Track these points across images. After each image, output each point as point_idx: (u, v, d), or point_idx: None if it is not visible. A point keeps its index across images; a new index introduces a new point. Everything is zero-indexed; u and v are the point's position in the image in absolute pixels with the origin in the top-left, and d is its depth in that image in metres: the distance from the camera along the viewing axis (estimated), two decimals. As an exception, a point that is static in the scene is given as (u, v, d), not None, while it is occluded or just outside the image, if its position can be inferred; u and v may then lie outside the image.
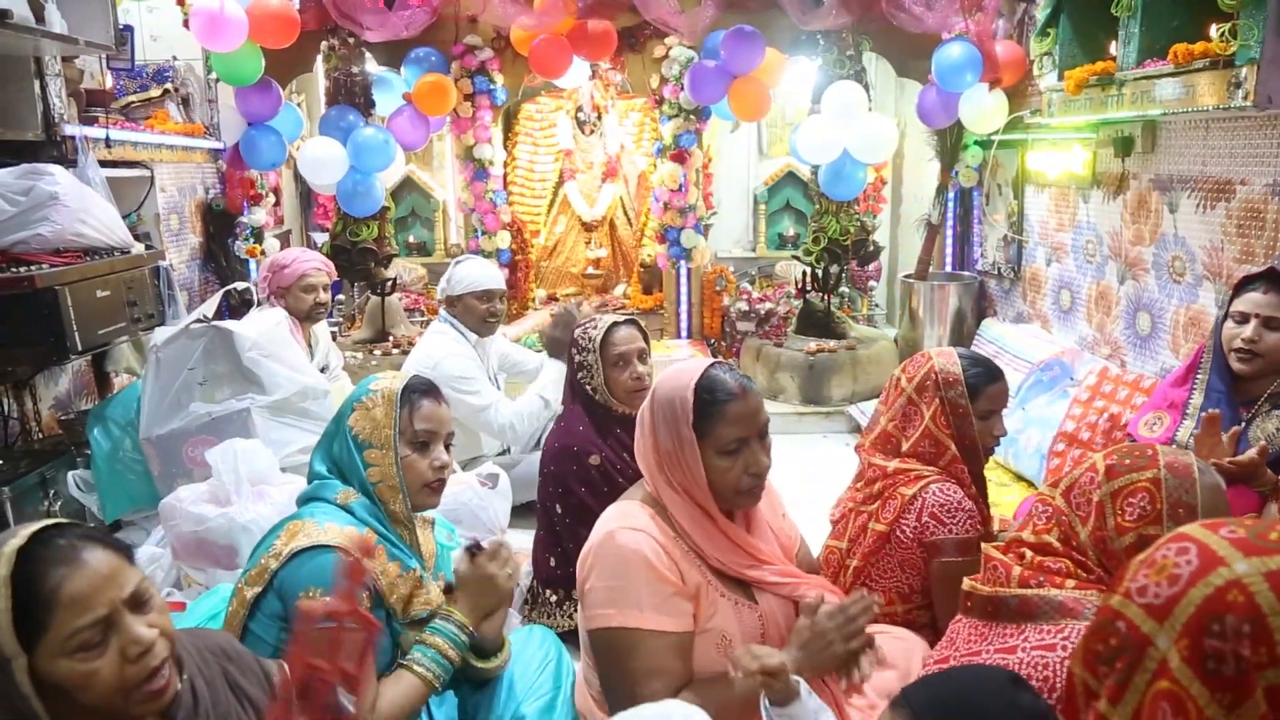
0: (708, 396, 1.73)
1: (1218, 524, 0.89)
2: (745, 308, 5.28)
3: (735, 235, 6.41)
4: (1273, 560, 0.82)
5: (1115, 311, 3.81)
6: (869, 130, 4.52)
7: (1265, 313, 2.45)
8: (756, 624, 1.78)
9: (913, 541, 2.08)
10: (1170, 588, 0.86)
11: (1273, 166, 2.93)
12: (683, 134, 5.12)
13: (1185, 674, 0.82)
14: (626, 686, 1.68)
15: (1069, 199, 4.18)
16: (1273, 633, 0.79)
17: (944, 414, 2.15)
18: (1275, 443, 2.34)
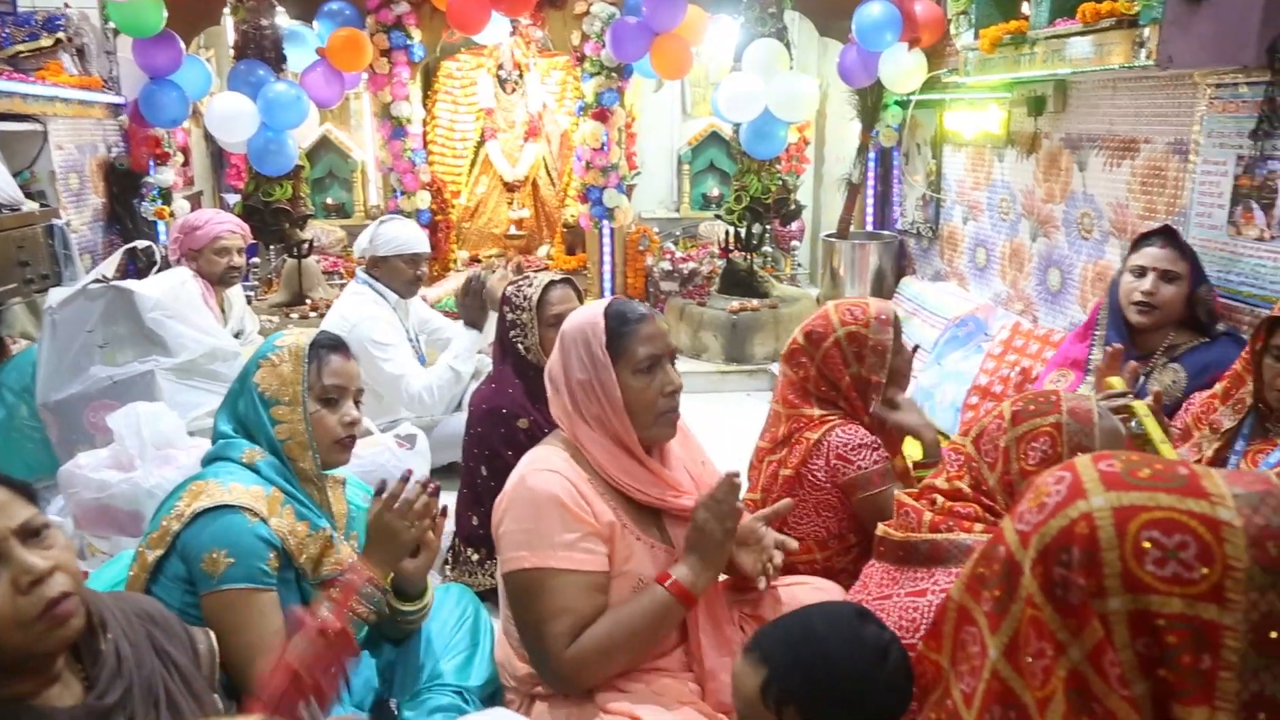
0: (618, 320, 1.78)
1: (1106, 456, 0.91)
2: (669, 267, 5.27)
3: (659, 195, 6.39)
4: (1127, 496, 0.84)
5: (1028, 268, 3.90)
6: (790, 88, 4.52)
7: (1162, 266, 2.53)
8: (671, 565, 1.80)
9: (827, 484, 2.12)
10: (1038, 515, 0.88)
11: (1174, 125, 3.01)
12: (604, 92, 5.05)
13: (1040, 599, 0.85)
14: (535, 626, 1.69)
15: (985, 158, 4.25)
16: (1103, 565, 0.82)
17: (842, 359, 2.19)
18: (1171, 393, 2.42)
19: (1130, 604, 0.82)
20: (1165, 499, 0.83)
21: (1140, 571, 0.81)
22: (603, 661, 1.69)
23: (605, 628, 1.68)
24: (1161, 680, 0.82)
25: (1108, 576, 0.82)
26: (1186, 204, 2.94)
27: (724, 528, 1.71)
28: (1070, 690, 0.83)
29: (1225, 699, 0.81)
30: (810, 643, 1.19)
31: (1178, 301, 2.54)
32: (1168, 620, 0.81)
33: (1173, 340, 2.56)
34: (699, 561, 1.72)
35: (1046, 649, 0.85)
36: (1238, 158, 2.75)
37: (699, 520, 1.72)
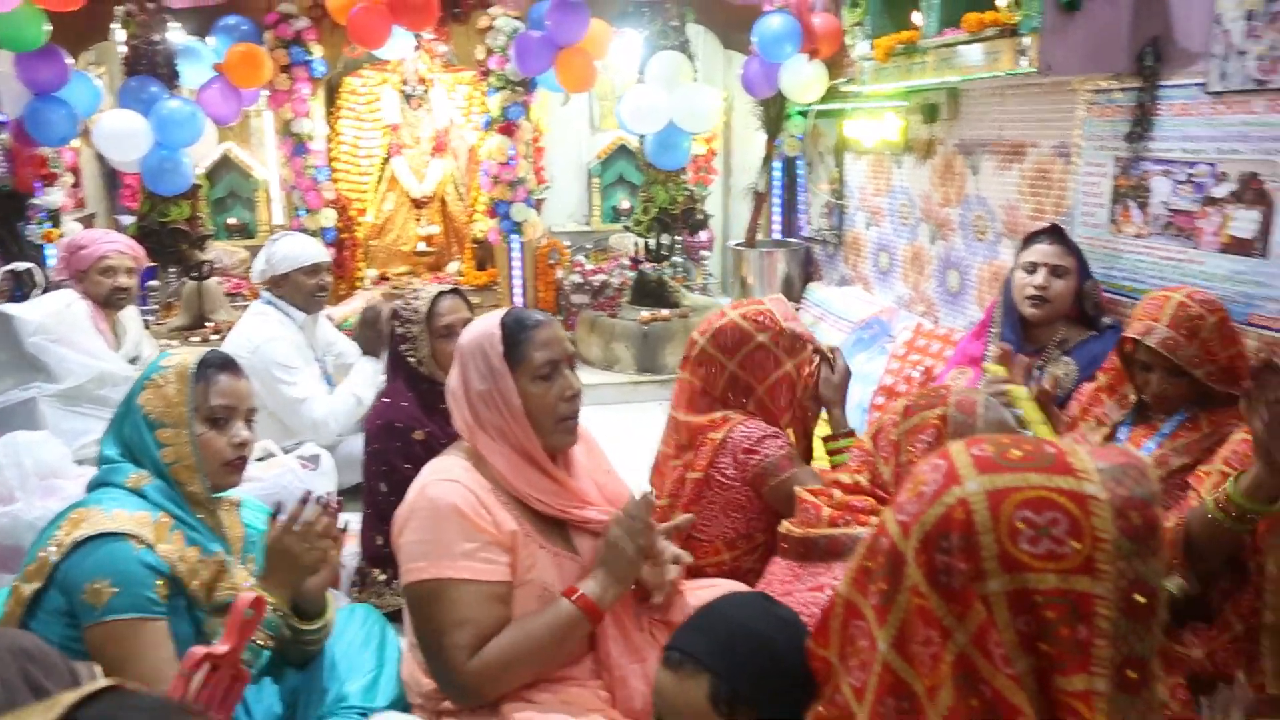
0: (515, 327, 1.77)
1: (979, 440, 0.93)
2: (579, 280, 5.27)
3: (570, 209, 6.38)
4: (1000, 479, 0.86)
5: (928, 270, 4.01)
6: (693, 99, 4.57)
7: (1052, 261, 2.64)
8: (577, 575, 1.79)
9: (737, 482, 2.14)
10: (917, 504, 0.89)
11: (1058, 130, 3.14)
12: (510, 106, 5.03)
13: (925, 587, 0.86)
14: (435, 637, 1.67)
15: (884, 165, 4.36)
16: (981, 548, 0.84)
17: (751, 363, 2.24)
18: (1064, 385, 2.51)
19: (1009, 584, 0.83)
20: (1035, 478, 0.86)
21: (1016, 551, 0.83)
22: (506, 674, 1.67)
23: (510, 639, 1.67)
24: (1043, 654, 0.84)
25: (986, 559, 0.84)
26: (1071, 204, 3.06)
27: (636, 545, 1.72)
28: (958, 675, 0.85)
29: (1100, 665, 0.83)
30: (745, 635, 1.17)
31: (1068, 295, 2.65)
32: (1045, 596, 0.83)
33: (1063, 334, 2.66)
34: (608, 576, 1.72)
35: (933, 636, 0.86)
36: (1115, 160, 2.87)
37: (612, 536, 1.73)
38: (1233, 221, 2.49)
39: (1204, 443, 2.07)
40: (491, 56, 5.01)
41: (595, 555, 1.75)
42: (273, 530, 1.79)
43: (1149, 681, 0.85)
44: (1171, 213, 2.68)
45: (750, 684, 1.12)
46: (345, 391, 3.32)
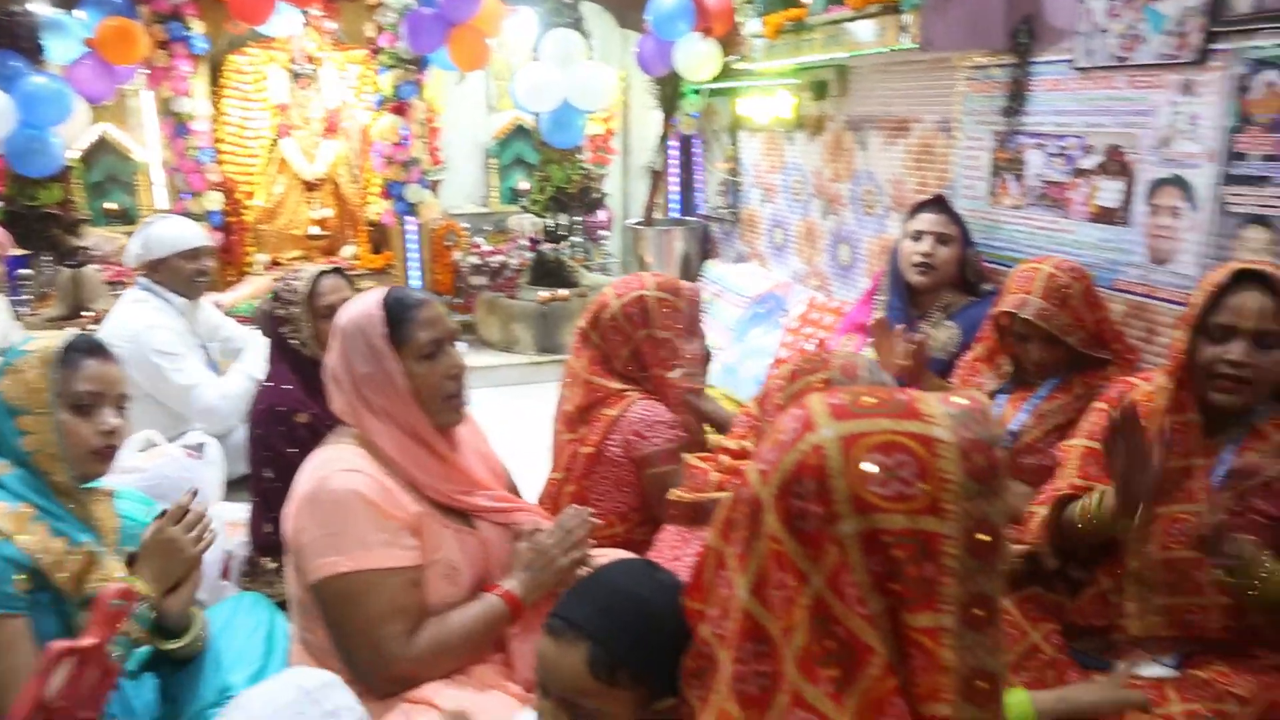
0: (397, 307, 1.74)
1: (837, 392, 0.95)
2: (477, 261, 5.22)
3: (467, 191, 6.29)
4: (852, 425, 0.89)
5: (820, 245, 4.09)
6: (588, 77, 4.55)
7: (937, 229, 2.73)
8: (480, 551, 1.79)
9: (624, 459, 2.16)
10: (775, 453, 0.91)
11: (941, 105, 3.22)
12: (402, 85, 4.94)
13: (781, 532, 0.88)
14: (367, 631, 1.63)
15: (777, 142, 4.42)
16: (833, 492, 0.86)
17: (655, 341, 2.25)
18: (947, 348, 2.60)
19: (861, 525, 0.86)
20: (885, 423, 0.88)
21: (866, 493, 0.86)
22: (440, 660, 1.66)
23: (444, 628, 1.66)
24: (893, 593, 0.87)
25: (838, 502, 0.86)
26: (953, 177, 3.15)
27: (570, 559, 1.74)
28: (814, 617, 0.87)
29: (946, 602, 0.86)
30: (622, 599, 1.16)
31: (952, 262, 2.75)
32: (894, 536, 0.86)
33: (947, 300, 2.76)
34: (533, 581, 1.73)
35: (789, 580, 0.88)
36: (993, 134, 2.96)
37: (543, 545, 1.74)
38: (1099, 192, 2.60)
39: (1076, 404, 2.20)
40: (382, 34, 4.91)
41: (518, 556, 1.76)
42: (156, 521, 1.73)
43: (995, 619, 0.88)
44: (1045, 184, 2.79)
45: (628, 648, 1.12)
46: (238, 372, 3.23)
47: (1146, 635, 1.84)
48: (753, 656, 0.90)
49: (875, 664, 0.86)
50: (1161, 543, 1.82)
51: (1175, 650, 1.82)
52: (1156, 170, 2.43)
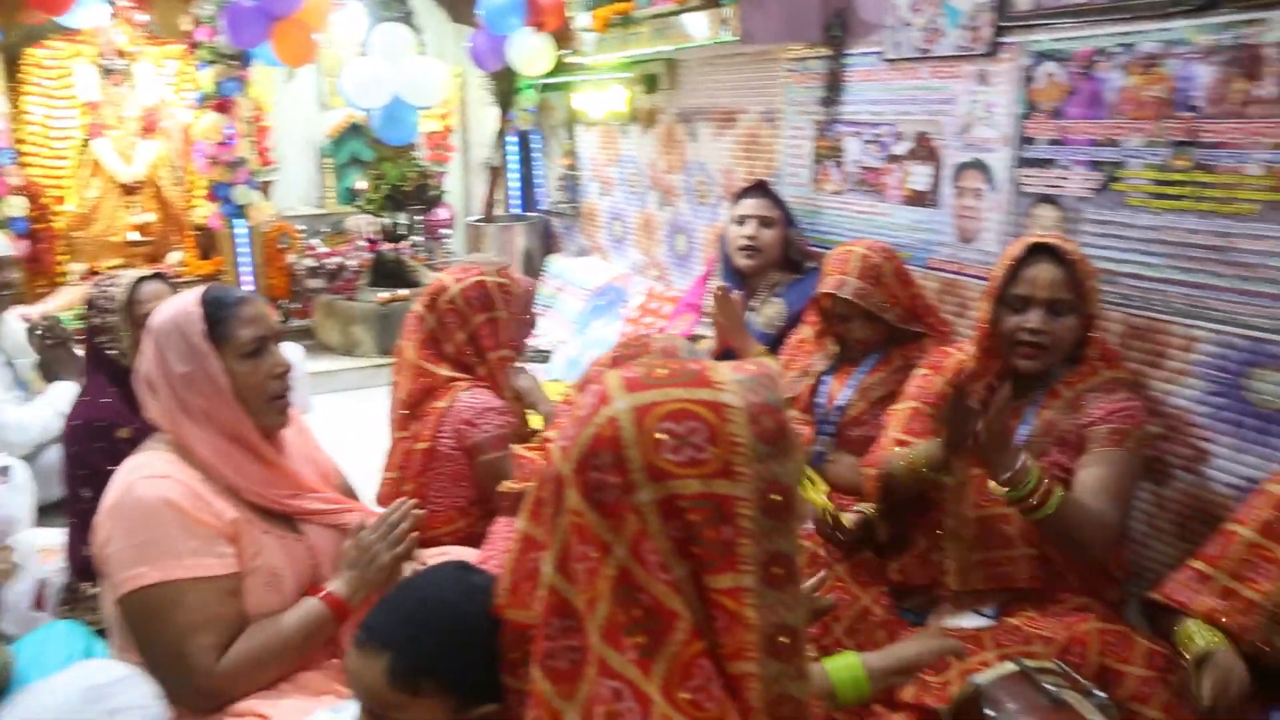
0: (216, 305, 1.67)
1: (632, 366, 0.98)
2: (313, 264, 5.05)
3: (301, 191, 6.07)
4: (644, 395, 0.91)
5: (658, 236, 4.16)
6: (419, 73, 4.48)
7: (760, 213, 2.84)
8: (306, 556, 1.73)
9: (457, 451, 2.14)
10: (574, 428, 0.93)
11: (765, 97, 3.33)
12: (224, 81, 4.71)
13: (582, 506, 0.89)
14: (174, 645, 1.54)
15: (613, 136, 4.47)
16: (628, 461, 0.88)
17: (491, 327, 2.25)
18: (775, 323, 2.72)
19: (657, 492, 0.88)
20: (677, 392, 0.91)
21: (660, 461, 0.88)
22: (256, 672, 1.58)
23: (259, 638, 1.59)
24: (694, 557, 0.89)
25: (634, 471, 0.88)
26: (779, 166, 3.26)
27: (394, 554, 1.70)
28: (619, 587, 0.88)
29: (745, 562, 0.89)
30: (426, 606, 1.13)
31: (776, 244, 2.86)
32: (690, 501, 0.88)
33: (774, 279, 2.87)
34: (358, 579, 1.68)
35: (591, 552, 0.89)
36: (814, 123, 3.08)
37: (366, 542, 1.70)
38: (911, 176, 2.75)
39: (897, 376, 2.33)
40: (200, 28, 4.67)
41: (343, 555, 1.71)
42: None
43: (793, 576, 0.92)
44: (862, 170, 2.92)
45: (431, 657, 1.09)
46: (45, 404, 3.01)
47: (965, 589, 1.97)
48: (560, 632, 0.91)
49: (681, 628, 0.88)
50: (975, 502, 1.94)
51: (992, 602, 1.95)
52: (960, 155, 2.58)
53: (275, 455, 1.75)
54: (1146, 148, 2.11)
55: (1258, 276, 1.94)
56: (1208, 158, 2.00)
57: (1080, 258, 1.93)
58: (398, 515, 1.72)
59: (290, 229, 5.30)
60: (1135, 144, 2.13)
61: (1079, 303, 1.92)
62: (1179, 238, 2.07)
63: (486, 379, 2.27)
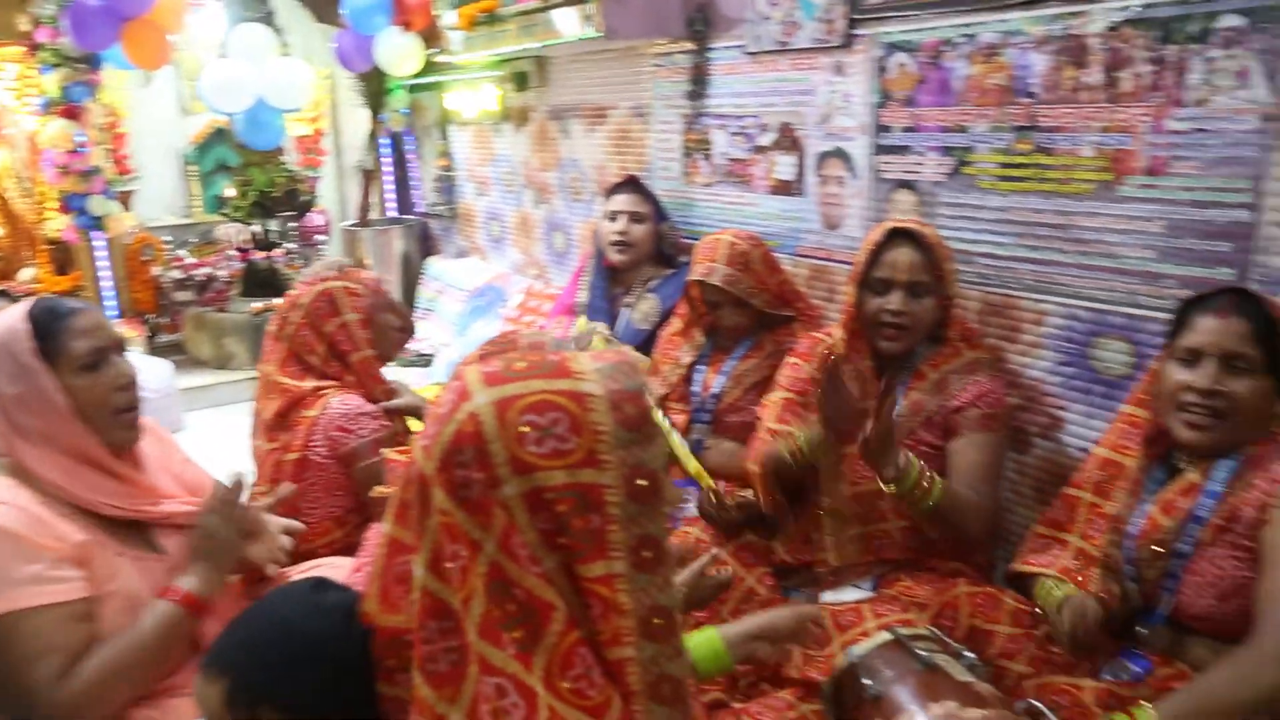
0: (46, 317, 1.58)
1: (492, 360, 0.98)
2: (181, 276, 4.86)
3: (166, 201, 5.81)
4: (505, 389, 0.91)
5: (535, 234, 4.15)
6: (282, 75, 4.35)
7: (630, 209, 2.87)
8: (167, 575, 1.66)
9: (331, 459, 2.10)
10: (435, 426, 0.92)
11: (633, 92, 3.36)
12: (71, 86, 4.48)
13: (449, 504, 0.89)
14: (15, 677, 1.46)
15: (486, 135, 4.44)
16: (492, 456, 0.88)
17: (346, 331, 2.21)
18: (650, 320, 2.75)
19: (523, 485, 0.88)
20: (538, 384, 0.91)
21: (524, 453, 0.88)
22: (108, 691, 1.51)
23: (108, 652, 1.51)
24: (564, 547, 0.90)
25: (498, 465, 0.88)
26: (650, 160, 3.30)
27: (233, 529, 1.65)
28: (491, 583, 0.88)
29: (615, 549, 0.91)
30: (268, 630, 1.09)
31: (648, 239, 2.89)
32: (556, 492, 0.89)
33: (648, 274, 2.91)
34: (208, 567, 1.63)
35: (461, 551, 0.89)
36: (682, 117, 3.13)
37: (207, 526, 1.64)
38: (777, 166, 2.82)
39: (769, 361, 2.39)
40: (40, 28, 4.42)
41: (190, 549, 1.65)
42: None
43: (663, 558, 0.94)
44: (730, 162, 2.98)
45: (270, 681, 1.05)
46: None
47: (845, 564, 2.04)
48: (438, 634, 0.91)
49: (557, 619, 0.89)
50: (850, 480, 2.01)
51: (870, 574, 2.03)
52: (821, 144, 2.67)
53: (131, 471, 1.68)
54: (992, 133, 2.22)
55: (1095, 252, 2.07)
56: (1046, 141, 2.12)
57: (937, 241, 2.03)
58: (224, 491, 1.68)
59: (154, 240, 5.09)
60: (982, 129, 2.24)
61: (938, 284, 2.01)
62: (1025, 217, 2.19)
63: (356, 385, 2.23)
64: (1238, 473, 1.56)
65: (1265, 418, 1.57)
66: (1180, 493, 1.61)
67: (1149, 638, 1.66)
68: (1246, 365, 1.54)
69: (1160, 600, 1.63)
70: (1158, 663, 1.63)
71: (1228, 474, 1.57)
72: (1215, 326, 1.56)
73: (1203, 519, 1.57)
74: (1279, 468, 1.52)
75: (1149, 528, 1.63)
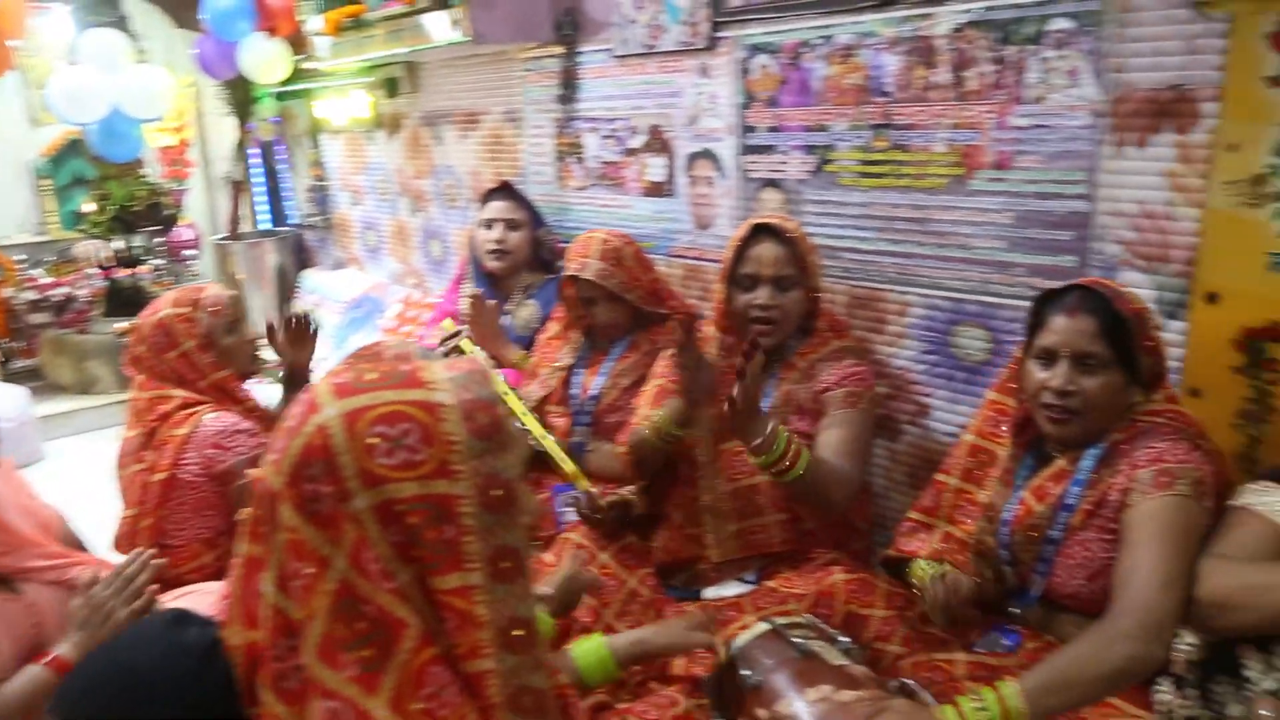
0: None
1: (342, 371, 0.96)
2: (35, 297, 4.60)
3: (17, 218, 5.50)
4: (355, 400, 0.89)
5: (412, 243, 4.09)
6: (139, 83, 4.16)
7: (506, 216, 2.86)
8: (24, 617, 1.59)
9: (203, 479, 2.02)
10: (283, 440, 0.90)
11: (505, 97, 3.34)
12: (-99, 98, 4.20)
13: (296, 520, 0.87)
14: None
15: (359, 143, 4.34)
16: (341, 469, 0.87)
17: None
18: (530, 326, 2.73)
19: (373, 498, 0.87)
20: (388, 395, 0.90)
21: (374, 465, 0.87)
22: None
23: None
24: (418, 560, 0.89)
25: (348, 478, 0.86)
26: (524, 165, 3.29)
27: (130, 610, 1.56)
28: (340, 601, 0.86)
29: (471, 560, 0.90)
30: (112, 672, 1.02)
31: (524, 245, 2.88)
32: (408, 504, 0.87)
33: (526, 281, 2.89)
34: (90, 639, 1.54)
35: (307, 568, 0.86)
36: (554, 121, 3.13)
37: (98, 598, 1.55)
38: (648, 168, 2.85)
39: (645, 360, 2.41)
40: None
41: (72, 614, 1.56)
42: None
43: (521, 568, 0.93)
44: (603, 164, 3.00)
45: None
46: None
47: (726, 559, 2.06)
48: (287, 651, 0.89)
49: (410, 637, 0.87)
50: (728, 475, 2.05)
51: (751, 568, 2.06)
52: (690, 145, 2.70)
53: None
54: (851, 131, 2.29)
55: (951, 244, 2.16)
56: (901, 138, 2.20)
57: (800, 235, 2.07)
58: (134, 567, 1.59)
59: (5, 260, 4.81)
60: (841, 128, 2.31)
61: (803, 276, 2.06)
62: (885, 212, 2.27)
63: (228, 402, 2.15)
64: (1103, 459, 1.63)
65: (1121, 407, 1.64)
66: (1051, 480, 1.68)
67: (1022, 616, 1.73)
68: (1096, 362, 1.61)
69: (1033, 582, 1.70)
70: (1027, 636, 1.70)
71: (1094, 461, 1.64)
72: (1065, 326, 1.63)
73: (1072, 505, 1.64)
74: (1140, 454, 1.60)
75: (1022, 514, 1.69)
